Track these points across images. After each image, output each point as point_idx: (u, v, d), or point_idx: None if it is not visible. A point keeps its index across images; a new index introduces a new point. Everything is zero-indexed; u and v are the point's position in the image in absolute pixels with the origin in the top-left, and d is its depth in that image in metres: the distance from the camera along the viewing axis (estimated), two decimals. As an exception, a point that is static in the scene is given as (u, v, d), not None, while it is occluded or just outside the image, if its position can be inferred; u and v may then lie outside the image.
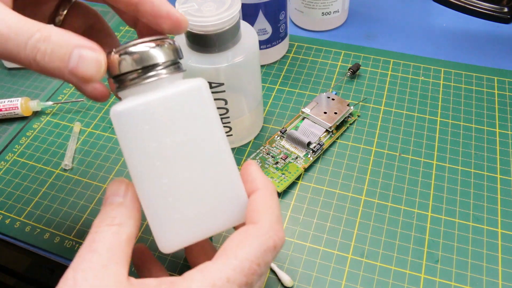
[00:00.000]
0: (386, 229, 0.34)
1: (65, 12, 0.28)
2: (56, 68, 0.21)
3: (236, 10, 0.32)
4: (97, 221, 0.23)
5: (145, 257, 0.29)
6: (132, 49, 0.23)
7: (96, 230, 0.22)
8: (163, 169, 0.23)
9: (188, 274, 0.22)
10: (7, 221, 0.37)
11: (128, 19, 0.29)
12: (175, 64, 0.24)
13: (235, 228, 0.27)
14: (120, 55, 0.23)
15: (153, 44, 0.23)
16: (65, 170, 0.40)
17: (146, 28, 0.27)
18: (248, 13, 0.43)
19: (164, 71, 0.23)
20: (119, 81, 0.24)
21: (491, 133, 0.40)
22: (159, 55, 0.23)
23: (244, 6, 0.42)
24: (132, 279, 0.22)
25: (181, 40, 0.35)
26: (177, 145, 0.23)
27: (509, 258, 0.32)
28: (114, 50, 0.23)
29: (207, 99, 0.24)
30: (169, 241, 0.24)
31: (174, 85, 0.24)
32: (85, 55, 0.21)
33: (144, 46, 0.23)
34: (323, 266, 0.33)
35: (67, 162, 0.40)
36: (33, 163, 0.41)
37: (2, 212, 0.37)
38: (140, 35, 0.28)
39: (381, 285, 0.31)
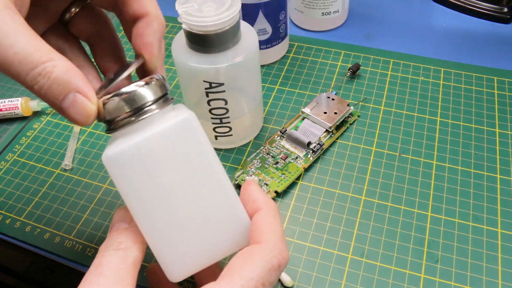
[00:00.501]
0: (386, 229, 0.34)
1: (76, 10, 0.28)
2: (50, 102, 0.22)
3: (236, 10, 0.32)
4: (103, 246, 0.24)
5: (158, 277, 0.29)
6: (121, 91, 0.23)
7: (103, 254, 0.23)
8: (162, 206, 0.24)
9: None
10: (7, 221, 0.37)
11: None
12: (163, 98, 0.24)
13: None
14: (107, 99, 0.23)
15: (141, 83, 0.23)
16: (65, 170, 0.40)
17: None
18: (248, 13, 0.43)
19: (153, 106, 0.23)
20: (108, 123, 0.24)
21: (491, 133, 0.40)
22: (148, 94, 0.23)
23: (244, 6, 0.42)
24: None
25: (181, 40, 0.35)
26: (173, 181, 0.23)
27: (509, 258, 0.32)
28: (101, 93, 0.23)
29: (197, 130, 0.24)
30: (176, 272, 0.25)
31: (163, 120, 0.23)
32: (78, 101, 0.22)
33: (133, 87, 0.23)
34: (323, 266, 0.33)
35: (67, 162, 0.40)
36: (33, 163, 0.41)
37: (2, 212, 0.37)
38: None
39: (381, 285, 0.31)
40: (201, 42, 0.33)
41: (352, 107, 0.41)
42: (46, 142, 0.42)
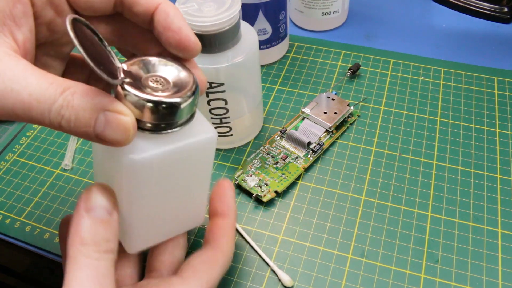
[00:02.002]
0: (386, 229, 0.34)
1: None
2: (84, 133, 0.20)
3: (236, 10, 0.32)
4: (88, 235, 0.22)
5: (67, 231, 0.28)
6: (164, 100, 0.21)
7: (98, 257, 0.22)
8: (154, 204, 0.25)
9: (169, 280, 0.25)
10: (7, 221, 0.37)
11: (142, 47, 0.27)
12: (192, 115, 0.23)
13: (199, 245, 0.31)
14: (143, 104, 0.21)
15: (184, 97, 0.21)
16: (65, 170, 0.40)
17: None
18: (248, 13, 0.43)
19: (184, 121, 0.23)
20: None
21: (491, 133, 0.40)
22: (184, 111, 0.22)
23: (244, 6, 0.42)
24: None
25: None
26: (175, 186, 0.25)
27: (509, 258, 0.32)
28: (133, 91, 0.21)
29: (214, 146, 0.25)
30: (135, 246, 0.27)
31: (191, 132, 0.23)
32: (111, 119, 0.20)
33: (177, 99, 0.21)
34: (323, 266, 0.33)
35: (67, 162, 0.40)
36: (33, 163, 0.41)
37: (2, 212, 0.37)
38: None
39: (381, 285, 0.31)
40: (201, 42, 0.32)
41: (352, 107, 0.41)
42: (46, 142, 0.42)
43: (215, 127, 0.38)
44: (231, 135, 0.39)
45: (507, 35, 0.50)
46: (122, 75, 0.21)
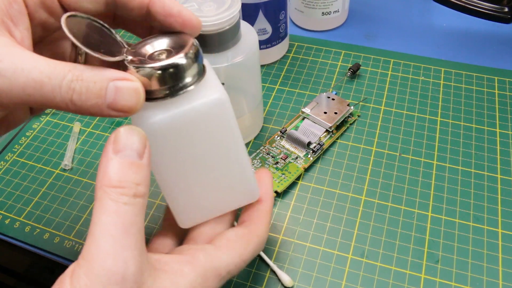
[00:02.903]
0: (386, 229, 0.34)
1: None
2: (95, 105, 0.20)
3: (236, 10, 0.32)
4: (116, 176, 0.21)
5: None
6: (162, 64, 0.21)
7: (126, 201, 0.21)
8: (186, 174, 0.25)
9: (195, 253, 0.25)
10: (7, 221, 0.37)
11: (141, 32, 0.27)
12: (198, 72, 0.23)
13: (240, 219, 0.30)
14: (146, 72, 0.22)
15: (182, 55, 0.22)
16: (65, 170, 0.40)
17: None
18: (248, 13, 0.43)
19: (192, 80, 0.23)
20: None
21: (492, 133, 0.40)
22: (185, 71, 0.22)
23: (244, 6, 0.42)
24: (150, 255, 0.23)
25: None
26: (200, 150, 0.25)
27: (510, 258, 0.32)
28: (137, 65, 0.22)
29: (228, 111, 0.25)
30: (186, 221, 0.28)
31: (200, 95, 0.23)
32: (121, 86, 0.21)
33: (176, 60, 0.22)
34: (323, 266, 0.33)
35: (67, 162, 0.40)
36: (33, 163, 0.40)
37: (2, 212, 0.37)
38: None
39: (381, 285, 0.31)
40: (201, 42, 0.32)
41: (352, 107, 0.41)
42: (46, 142, 0.42)
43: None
44: (231, 135, 0.39)
45: (507, 35, 0.50)
46: (124, 53, 0.22)
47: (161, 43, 0.23)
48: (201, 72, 0.23)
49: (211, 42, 0.32)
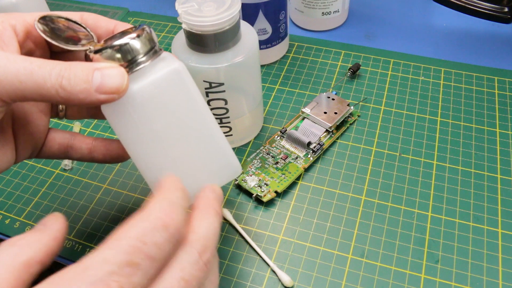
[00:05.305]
0: (386, 229, 0.34)
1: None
2: (84, 90, 0.23)
3: (236, 10, 0.32)
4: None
5: None
6: (113, 44, 0.24)
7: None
8: (158, 145, 0.26)
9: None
10: (7, 221, 0.37)
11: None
12: (153, 50, 0.25)
13: None
14: (102, 52, 0.24)
15: (134, 35, 0.24)
16: (65, 170, 0.40)
17: None
18: (248, 13, 0.43)
19: (145, 58, 0.25)
20: None
21: (492, 133, 0.40)
22: (140, 46, 0.24)
23: (244, 6, 0.42)
24: None
25: (181, 40, 0.35)
26: (168, 124, 0.26)
27: (509, 258, 0.32)
28: (94, 48, 0.24)
29: (185, 79, 0.26)
30: None
31: (155, 70, 0.25)
32: (106, 71, 0.23)
33: (126, 39, 0.24)
34: (323, 266, 0.33)
35: (67, 162, 0.40)
36: (33, 163, 0.40)
37: (2, 212, 0.37)
38: None
39: (381, 285, 0.31)
40: (201, 42, 0.33)
41: (352, 107, 0.41)
42: (46, 142, 0.42)
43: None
44: (231, 135, 0.39)
45: (507, 35, 0.50)
46: (86, 42, 0.26)
47: (121, 35, 0.25)
48: (156, 52, 0.25)
49: (211, 42, 0.32)
